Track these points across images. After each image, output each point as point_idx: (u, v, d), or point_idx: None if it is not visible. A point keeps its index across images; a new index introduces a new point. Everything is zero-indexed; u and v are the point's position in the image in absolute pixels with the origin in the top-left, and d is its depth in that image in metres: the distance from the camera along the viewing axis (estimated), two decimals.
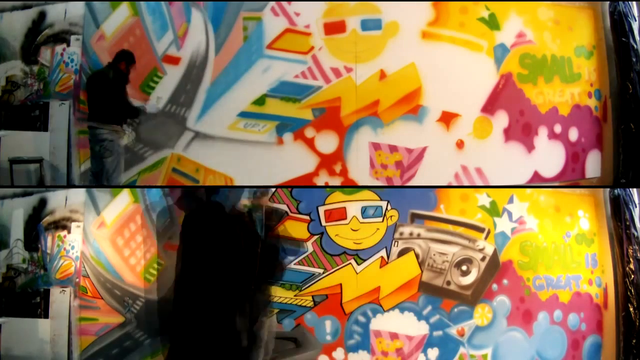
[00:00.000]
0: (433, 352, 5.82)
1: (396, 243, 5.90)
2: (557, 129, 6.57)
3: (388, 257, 5.88)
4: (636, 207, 6.35)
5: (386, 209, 5.92)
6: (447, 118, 6.14)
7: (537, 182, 6.44)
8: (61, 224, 6.28)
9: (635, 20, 6.75)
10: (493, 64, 6.30)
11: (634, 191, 6.41)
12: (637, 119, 6.66)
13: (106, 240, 6.07)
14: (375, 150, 6.08)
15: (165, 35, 6.25)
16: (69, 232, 6.20)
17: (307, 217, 5.85)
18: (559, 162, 6.61)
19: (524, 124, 6.40)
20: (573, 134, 6.67)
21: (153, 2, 6.27)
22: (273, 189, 5.89)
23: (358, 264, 5.82)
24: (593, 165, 6.84)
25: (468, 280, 5.92)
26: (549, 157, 6.55)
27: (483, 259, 5.96)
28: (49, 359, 6.07)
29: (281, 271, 5.42)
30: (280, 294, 5.82)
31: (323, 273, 5.79)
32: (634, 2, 6.78)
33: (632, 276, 6.19)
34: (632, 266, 6.20)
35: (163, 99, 6.17)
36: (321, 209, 5.85)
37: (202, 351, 4.43)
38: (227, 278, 4.64)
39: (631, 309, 6.13)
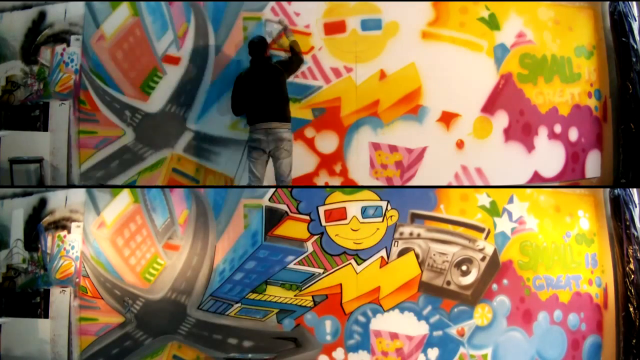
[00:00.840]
0: (433, 352, 5.82)
1: (396, 243, 5.90)
2: (557, 129, 6.57)
3: (388, 257, 5.88)
4: (636, 207, 6.35)
5: (386, 209, 5.92)
6: (447, 118, 6.14)
7: (537, 182, 6.44)
8: (61, 224, 6.28)
9: (635, 20, 6.74)
10: (493, 64, 6.30)
11: (634, 191, 6.41)
12: (637, 119, 6.66)
13: (106, 240, 6.08)
14: (375, 150, 6.08)
15: (165, 35, 6.25)
16: (69, 232, 6.20)
17: (307, 217, 5.85)
18: (559, 162, 6.61)
19: (524, 124, 6.40)
20: (573, 134, 6.67)
21: (153, 2, 6.27)
22: (273, 189, 5.90)
23: (358, 264, 5.82)
24: (593, 165, 6.84)
25: (468, 280, 5.92)
26: (549, 157, 6.55)
27: (483, 259, 5.96)
28: (49, 359, 6.07)
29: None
30: (280, 294, 5.82)
31: (323, 273, 5.79)
32: (634, 2, 6.78)
33: (632, 276, 6.19)
34: (632, 266, 6.20)
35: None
36: (321, 209, 5.85)
37: None
38: None
39: (631, 309, 6.14)
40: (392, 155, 6.09)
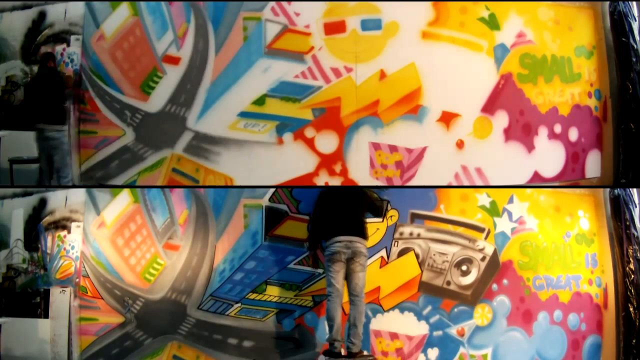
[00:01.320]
0: (433, 352, 5.82)
1: (396, 243, 5.90)
2: (557, 129, 6.57)
3: (388, 257, 5.88)
4: (636, 207, 6.35)
5: (386, 209, 5.92)
6: (447, 118, 6.14)
7: (537, 182, 6.44)
8: (61, 224, 6.28)
9: (635, 20, 6.74)
10: (493, 64, 6.29)
11: (634, 191, 6.41)
12: (637, 119, 6.66)
13: (106, 240, 6.08)
14: (375, 150, 6.07)
15: (165, 35, 6.25)
16: (69, 232, 6.20)
17: (307, 217, 5.85)
18: (559, 162, 6.61)
19: (524, 124, 6.40)
20: (573, 134, 6.67)
21: (153, 2, 6.27)
22: (273, 189, 5.91)
23: None
24: (593, 165, 6.83)
25: (468, 280, 5.92)
26: (549, 157, 6.55)
27: (483, 259, 5.96)
28: (49, 359, 6.07)
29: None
30: (280, 294, 5.82)
31: (323, 273, 5.78)
32: (634, 2, 6.77)
33: (632, 276, 6.19)
34: (632, 266, 6.20)
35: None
36: None
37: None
38: None
39: (631, 309, 6.13)
40: (392, 155, 6.09)
